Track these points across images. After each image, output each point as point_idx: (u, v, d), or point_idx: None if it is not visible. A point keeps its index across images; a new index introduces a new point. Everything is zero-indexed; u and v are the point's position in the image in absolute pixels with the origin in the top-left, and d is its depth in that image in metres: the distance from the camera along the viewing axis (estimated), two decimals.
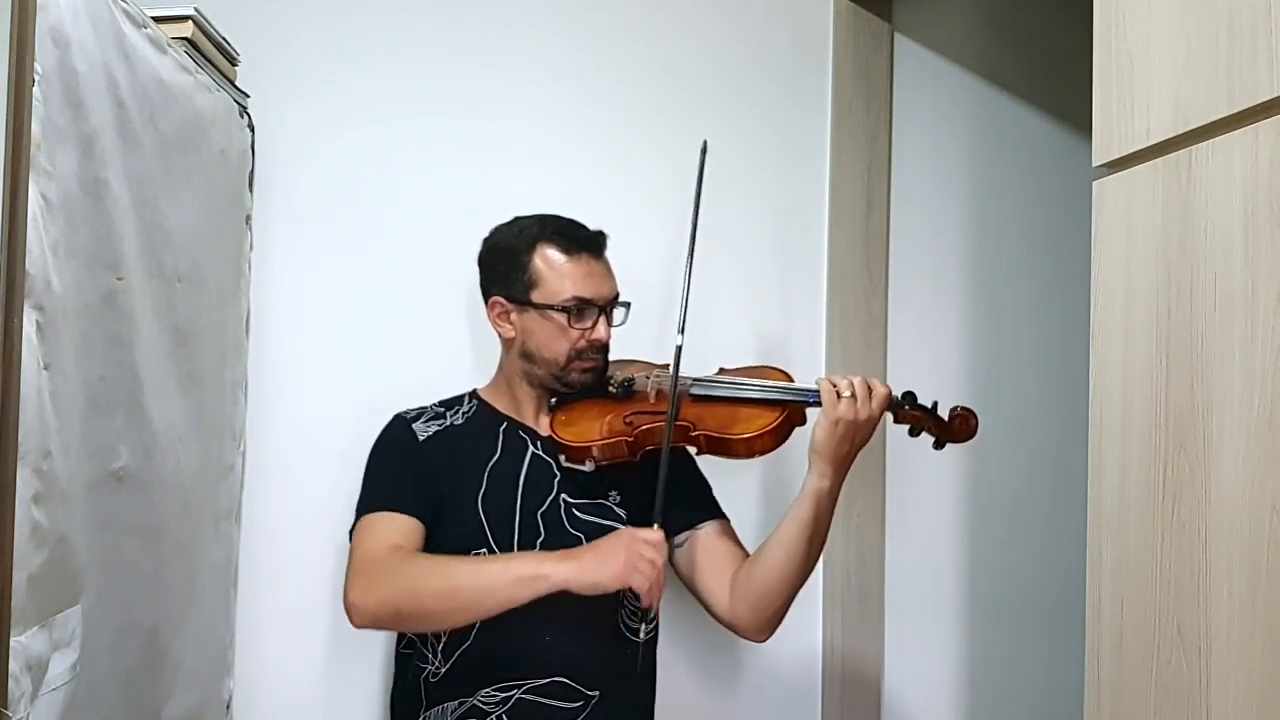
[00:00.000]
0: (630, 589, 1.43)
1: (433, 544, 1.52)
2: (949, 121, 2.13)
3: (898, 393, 1.55)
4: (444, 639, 1.55)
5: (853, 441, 1.47)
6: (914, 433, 1.55)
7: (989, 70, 2.15)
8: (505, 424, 1.65)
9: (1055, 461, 2.11)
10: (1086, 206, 1.16)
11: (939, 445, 1.55)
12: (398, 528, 1.52)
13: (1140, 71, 1.08)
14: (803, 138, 2.04)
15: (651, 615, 1.45)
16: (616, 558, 1.42)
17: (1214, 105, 0.97)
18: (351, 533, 1.56)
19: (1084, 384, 1.17)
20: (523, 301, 1.60)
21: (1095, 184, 1.15)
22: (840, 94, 2.04)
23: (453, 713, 1.54)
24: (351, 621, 1.48)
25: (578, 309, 1.58)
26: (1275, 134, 0.90)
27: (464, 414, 1.67)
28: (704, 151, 1.62)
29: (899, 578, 2.07)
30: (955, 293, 2.13)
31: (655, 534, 1.45)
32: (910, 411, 1.53)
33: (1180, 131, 1.02)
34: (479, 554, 1.53)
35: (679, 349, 1.53)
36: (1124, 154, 1.10)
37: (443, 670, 1.55)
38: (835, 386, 1.47)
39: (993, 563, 2.13)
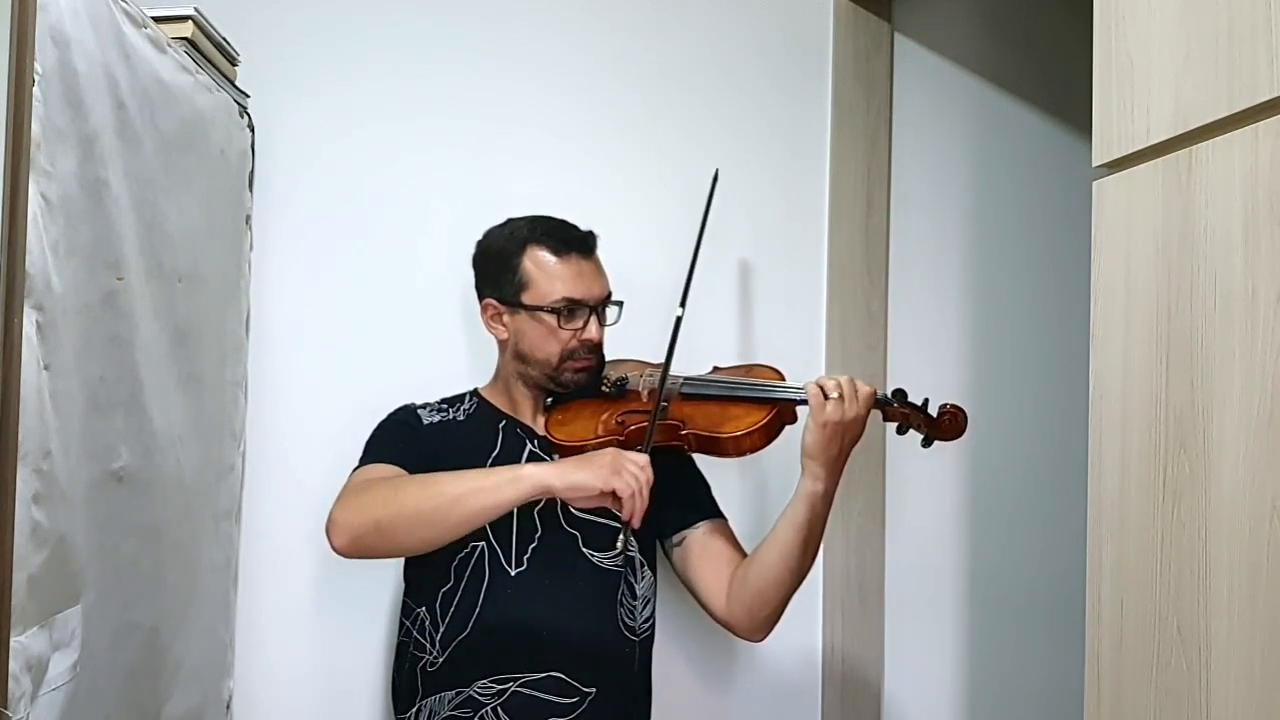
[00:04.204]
0: (614, 496, 1.42)
1: None
2: (949, 121, 2.13)
3: (888, 390, 1.55)
4: (442, 629, 1.56)
5: (842, 442, 1.47)
6: (902, 430, 1.55)
7: (989, 70, 2.15)
8: (504, 422, 1.66)
9: (1055, 461, 2.11)
10: (1086, 206, 1.16)
11: (927, 443, 1.54)
12: (386, 469, 1.55)
13: (1140, 71, 1.08)
14: (803, 138, 2.04)
15: (630, 531, 1.45)
16: (602, 461, 1.43)
17: (1214, 105, 0.97)
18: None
19: (1084, 384, 1.17)
20: (514, 303, 1.61)
21: (1095, 184, 1.15)
22: (840, 94, 2.03)
23: (449, 702, 1.55)
24: (332, 543, 1.47)
25: (568, 310, 1.59)
26: (1275, 134, 0.90)
27: (465, 411, 1.68)
28: (715, 181, 1.65)
29: (899, 577, 2.07)
30: (955, 293, 2.13)
31: (642, 456, 1.45)
32: (899, 409, 1.53)
33: (1180, 131, 1.02)
34: (477, 547, 1.55)
35: (679, 319, 1.56)
36: (1124, 154, 1.10)
37: (440, 660, 1.56)
38: (823, 388, 1.47)
39: (993, 562, 2.13)
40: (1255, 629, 0.91)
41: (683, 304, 1.57)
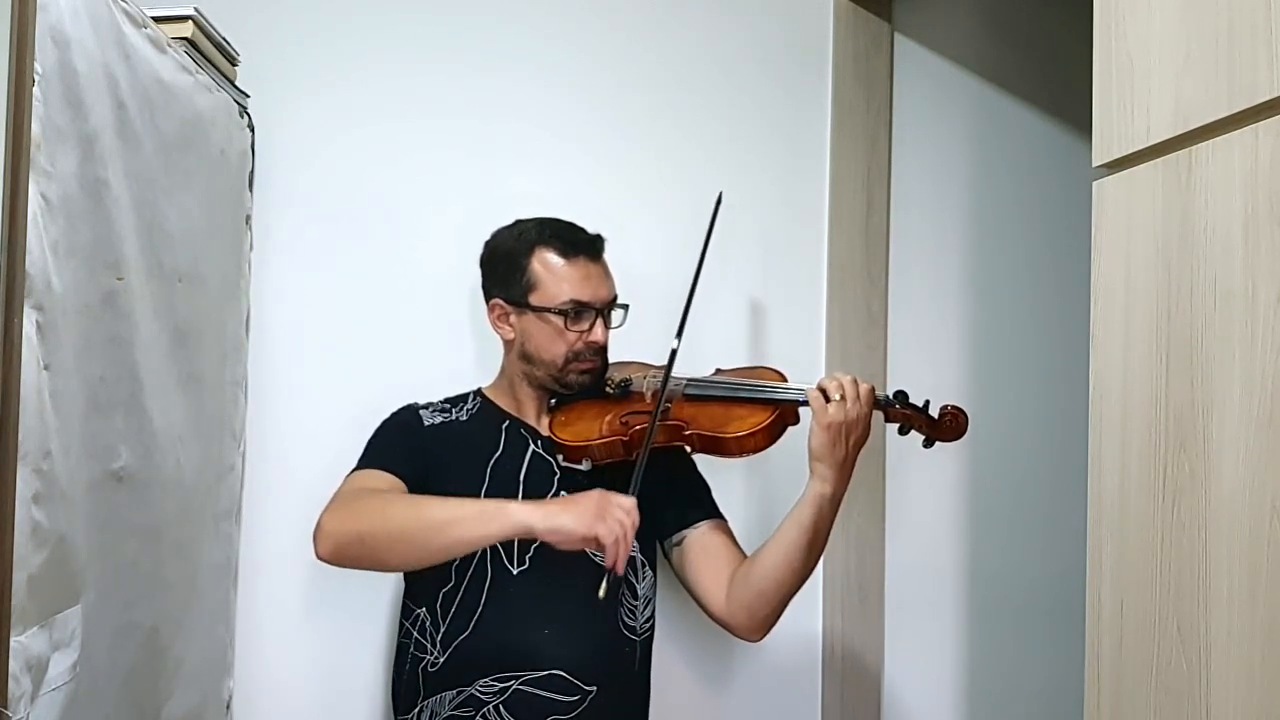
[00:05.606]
0: (597, 542, 1.39)
1: None
2: (949, 121, 2.13)
3: (889, 391, 1.56)
4: (443, 629, 1.57)
5: (847, 443, 1.48)
6: (903, 431, 1.56)
7: (989, 70, 2.15)
8: (508, 422, 1.66)
9: (1055, 461, 2.11)
10: (1086, 206, 1.16)
11: (928, 444, 1.55)
12: (382, 479, 1.55)
13: (1140, 71, 1.08)
14: (803, 138, 2.04)
15: (613, 578, 1.41)
16: (586, 507, 1.41)
17: (1214, 105, 0.97)
18: None
19: (1084, 384, 1.17)
20: (521, 304, 1.62)
21: (1095, 184, 1.15)
22: (840, 94, 2.03)
23: (451, 702, 1.55)
24: (316, 550, 1.47)
25: (575, 312, 1.59)
26: (1275, 134, 0.90)
27: (468, 411, 1.68)
28: (719, 203, 1.63)
29: (899, 576, 2.07)
30: (955, 293, 2.13)
31: (628, 499, 1.43)
32: (900, 410, 1.54)
33: (1180, 131, 1.02)
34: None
35: (674, 351, 1.54)
36: (1124, 154, 1.10)
37: (441, 660, 1.56)
38: (824, 390, 1.48)
39: (993, 562, 2.13)
40: (1255, 629, 0.91)
41: (679, 335, 1.55)
